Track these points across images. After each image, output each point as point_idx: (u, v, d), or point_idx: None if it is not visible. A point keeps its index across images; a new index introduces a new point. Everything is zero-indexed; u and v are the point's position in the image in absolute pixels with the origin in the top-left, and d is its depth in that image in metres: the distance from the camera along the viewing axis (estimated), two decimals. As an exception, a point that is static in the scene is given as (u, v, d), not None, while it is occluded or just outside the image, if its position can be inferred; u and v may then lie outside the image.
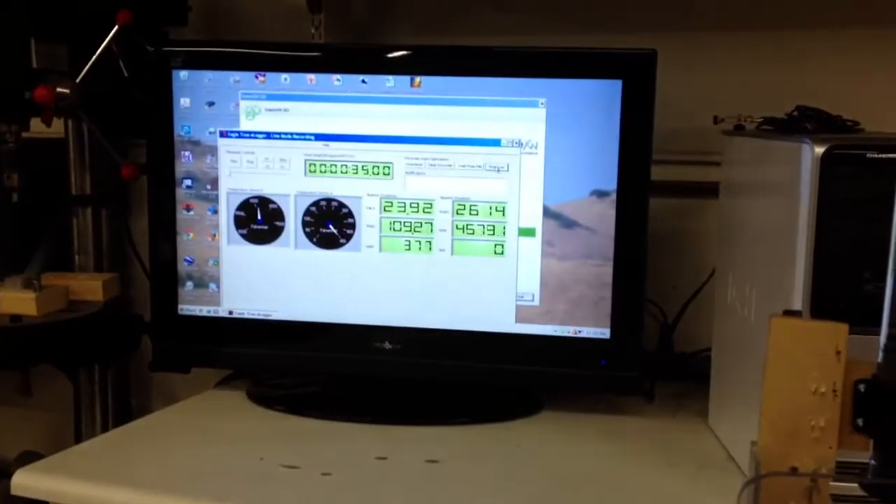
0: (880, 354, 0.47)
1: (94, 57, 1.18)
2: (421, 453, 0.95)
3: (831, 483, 0.54)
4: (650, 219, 1.03)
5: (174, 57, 1.08)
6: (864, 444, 0.46)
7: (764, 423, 0.45)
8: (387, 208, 1.06)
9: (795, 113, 0.90)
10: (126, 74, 1.21)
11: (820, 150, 0.76)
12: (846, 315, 0.52)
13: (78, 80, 1.18)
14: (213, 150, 1.08)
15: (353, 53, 1.09)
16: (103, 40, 1.18)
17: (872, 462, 0.46)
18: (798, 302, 0.77)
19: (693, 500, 0.86)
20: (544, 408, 1.10)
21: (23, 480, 0.89)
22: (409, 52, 1.06)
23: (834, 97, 0.92)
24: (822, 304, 0.76)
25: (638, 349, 1.05)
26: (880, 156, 0.75)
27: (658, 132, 1.01)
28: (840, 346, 0.46)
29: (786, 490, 0.44)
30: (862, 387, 0.46)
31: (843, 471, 0.66)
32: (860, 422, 0.46)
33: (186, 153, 1.09)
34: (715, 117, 1.02)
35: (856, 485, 0.71)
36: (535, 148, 1.03)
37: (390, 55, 1.06)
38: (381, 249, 1.07)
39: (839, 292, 0.76)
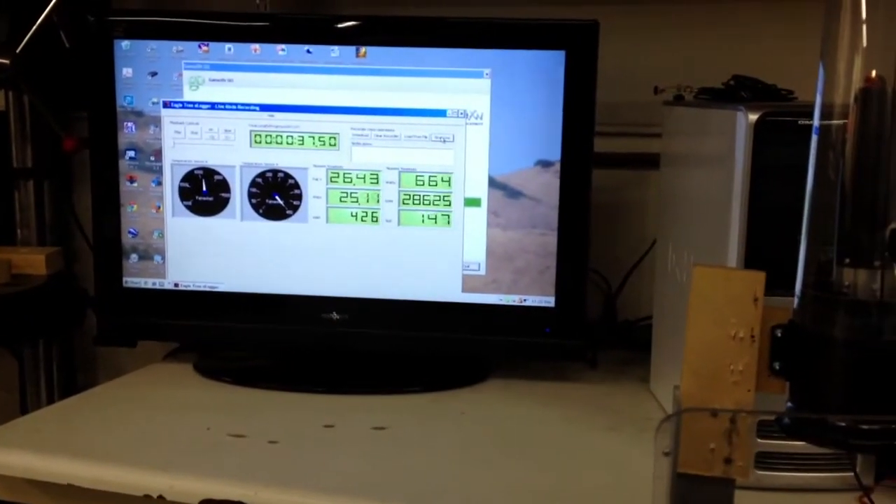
0: (795, 301, 0.49)
1: (34, 27, 1.16)
2: (368, 421, 0.96)
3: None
4: (594, 190, 1.05)
5: (116, 26, 1.06)
6: (781, 387, 0.48)
7: (686, 368, 0.47)
8: (333, 179, 1.06)
9: (732, 82, 0.92)
10: (67, 45, 1.19)
11: (754, 117, 0.78)
12: (779, 278, 0.54)
13: (18, 51, 1.16)
14: (157, 121, 1.07)
15: (297, 23, 1.08)
16: (43, 10, 1.16)
17: (789, 404, 0.48)
18: (733, 266, 0.79)
19: (634, 460, 0.88)
20: (491, 375, 1.11)
21: (-35, 453, 0.88)
22: (354, 23, 1.05)
23: (771, 67, 0.94)
24: (756, 268, 0.78)
25: (582, 317, 1.07)
26: (812, 123, 0.77)
27: (602, 104, 1.03)
28: (758, 293, 0.48)
29: (706, 432, 0.46)
30: (778, 332, 0.48)
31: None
32: (777, 365, 0.48)
33: (129, 124, 1.08)
34: (655, 87, 1.04)
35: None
36: (481, 118, 1.04)
37: (335, 25, 1.06)
38: (327, 220, 1.07)
39: (772, 256, 0.78)
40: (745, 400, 0.46)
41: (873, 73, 0.48)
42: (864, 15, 0.49)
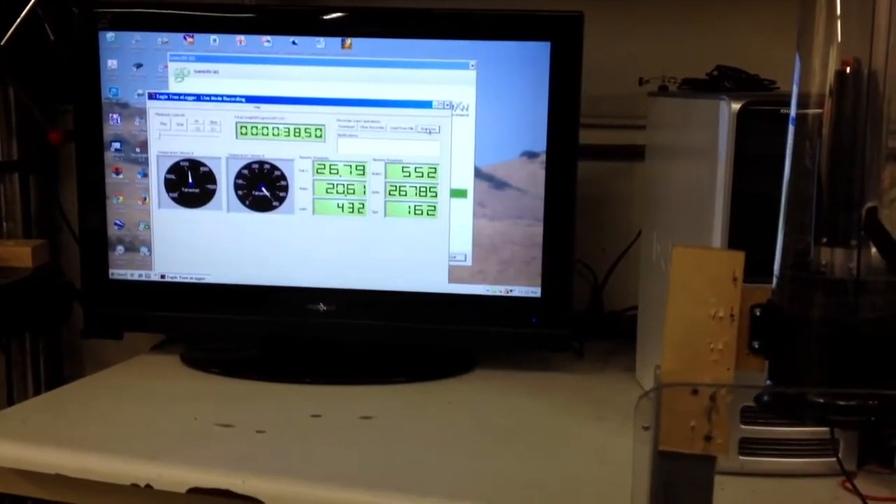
0: (774, 280, 0.50)
1: (18, 20, 1.16)
2: (355, 411, 0.97)
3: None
4: (580, 181, 1.05)
5: (101, 18, 1.06)
6: (760, 365, 0.49)
7: (666, 347, 0.48)
8: (319, 170, 1.06)
9: (715, 73, 0.92)
10: (52, 37, 1.19)
11: (736, 106, 0.79)
12: (762, 265, 0.55)
13: (3, 44, 1.16)
14: (142, 113, 1.07)
15: (283, 14, 1.09)
16: (28, 2, 1.16)
17: (768, 382, 0.49)
18: (716, 253, 0.79)
19: (619, 449, 0.88)
20: (477, 366, 1.12)
21: (-48, 444, 0.88)
22: (339, 14, 1.06)
23: (754, 57, 0.95)
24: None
25: (568, 307, 1.07)
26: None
27: (587, 96, 1.03)
28: (737, 272, 0.48)
29: (687, 410, 0.46)
30: (757, 311, 0.49)
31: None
32: (756, 344, 0.49)
33: (114, 116, 1.08)
34: (640, 79, 1.05)
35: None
36: (466, 110, 1.04)
37: (321, 17, 1.06)
38: (314, 212, 1.07)
39: (755, 244, 0.79)
40: (725, 378, 0.46)
41: (849, 63, 0.48)
42: (838, 8, 0.49)
